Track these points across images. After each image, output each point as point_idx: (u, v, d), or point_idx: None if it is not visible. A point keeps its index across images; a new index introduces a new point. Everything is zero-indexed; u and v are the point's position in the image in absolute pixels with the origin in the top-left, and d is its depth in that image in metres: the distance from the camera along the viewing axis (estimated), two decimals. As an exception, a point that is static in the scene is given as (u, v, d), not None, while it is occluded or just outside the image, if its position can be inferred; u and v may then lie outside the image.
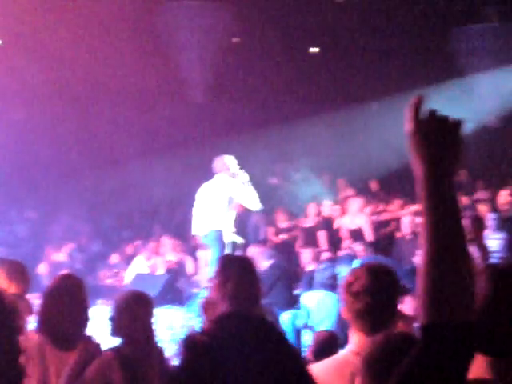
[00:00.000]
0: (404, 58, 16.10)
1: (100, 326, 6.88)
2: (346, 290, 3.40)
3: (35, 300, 5.68)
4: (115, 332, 4.59)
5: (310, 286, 9.80)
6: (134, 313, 4.53)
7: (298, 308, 9.47)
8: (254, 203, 9.87)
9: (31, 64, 15.33)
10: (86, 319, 4.49)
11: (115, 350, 4.48)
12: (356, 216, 11.95)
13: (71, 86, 16.06)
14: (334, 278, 9.33)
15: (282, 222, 13.09)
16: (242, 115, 17.15)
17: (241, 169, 9.82)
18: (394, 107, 16.72)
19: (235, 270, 4.07)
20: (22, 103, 15.85)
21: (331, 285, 9.17)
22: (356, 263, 9.50)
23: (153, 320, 4.66)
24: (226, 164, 9.82)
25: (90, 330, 4.61)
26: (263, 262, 10.32)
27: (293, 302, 9.86)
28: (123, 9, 15.11)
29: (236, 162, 9.91)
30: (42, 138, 15.99)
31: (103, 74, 15.93)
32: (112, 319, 4.61)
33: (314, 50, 17.81)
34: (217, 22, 16.38)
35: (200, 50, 16.55)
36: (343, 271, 9.53)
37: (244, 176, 9.78)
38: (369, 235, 11.71)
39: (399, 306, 3.72)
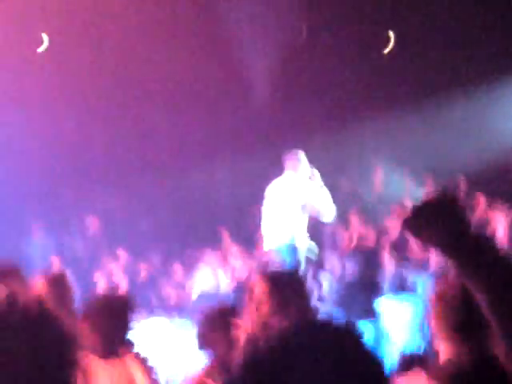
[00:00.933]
0: (488, 48, 15.64)
1: (157, 339, 6.90)
2: (439, 300, 3.34)
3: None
4: (204, 346, 4.80)
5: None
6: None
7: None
8: (329, 211, 9.34)
9: (82, 65, 15.40)
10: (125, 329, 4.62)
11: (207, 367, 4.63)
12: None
13: (124, 90, 16.01)
14: (403, 281, 9.17)
15: (358, 226, 12.79)
16: (311, 117, 16.94)
17: (313, 168, 9.37)
18: (480, 100, 16.38)
19: (296, 293, 4.07)
20: (72, 109, 15.87)
21: (401, 289, 9.03)
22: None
23: None
24: (301, 161, 9.30)
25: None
26: (344, 270, 10.22)
27: (374, 313, 9.74)
28: (182, 5, 15.03)
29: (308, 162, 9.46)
30: (96, 145, 15.98)
31: (161, 75, 15.85)
32: (202, 334, 4.84)
33: (389, 44, 17.45)
34: (284, 17, 16.19)
35: (266, 48, 16.38)
36: (424, 280, 9.42)
37: (318, 178, 9.32)
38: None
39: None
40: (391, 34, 16.92)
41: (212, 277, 11.42)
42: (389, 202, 13.74)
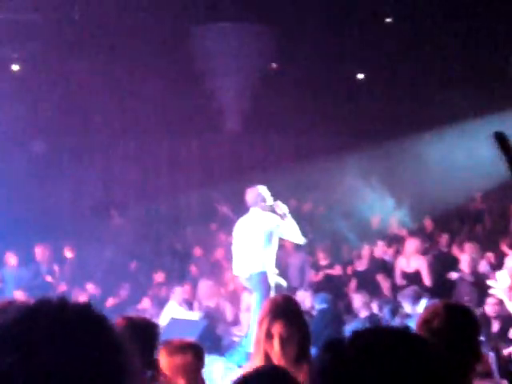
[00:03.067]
0: (461, 84, 15.97)
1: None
2: (423, 327, 3.41)
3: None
4: None
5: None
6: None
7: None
8: (297, 236, 9.67)
9: (52, 92, 15.60)
10: None
11: None
12: (413, 258, 11.96)
13: (96, 116, 16.25)
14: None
15: (323, 260, 13.20)
16: (281, 146, 17.24)
17: (276, 200, 9.64)
18: (448, 137, 16.67)
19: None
20: (43, 134, 16.01)
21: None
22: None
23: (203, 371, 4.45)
24: (261, 195, 9.62)
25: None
26: (315, 306, 10.47)
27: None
28: (154, 33, 15.27)
29: (270, 193, 9.72)
30: (60, 175, 16.22)
31: (132, 103, 16.11)
32: None
33: (360, 76, 17.88)
34: (254, 46, 16.48)
35: (236, 77, 16.66)
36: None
37: (283, 207, 9.58)
38: (426, 279, 11.71)
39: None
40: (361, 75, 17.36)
41: (180, 310, 11.59)
42: (357, 234, 14.06)
